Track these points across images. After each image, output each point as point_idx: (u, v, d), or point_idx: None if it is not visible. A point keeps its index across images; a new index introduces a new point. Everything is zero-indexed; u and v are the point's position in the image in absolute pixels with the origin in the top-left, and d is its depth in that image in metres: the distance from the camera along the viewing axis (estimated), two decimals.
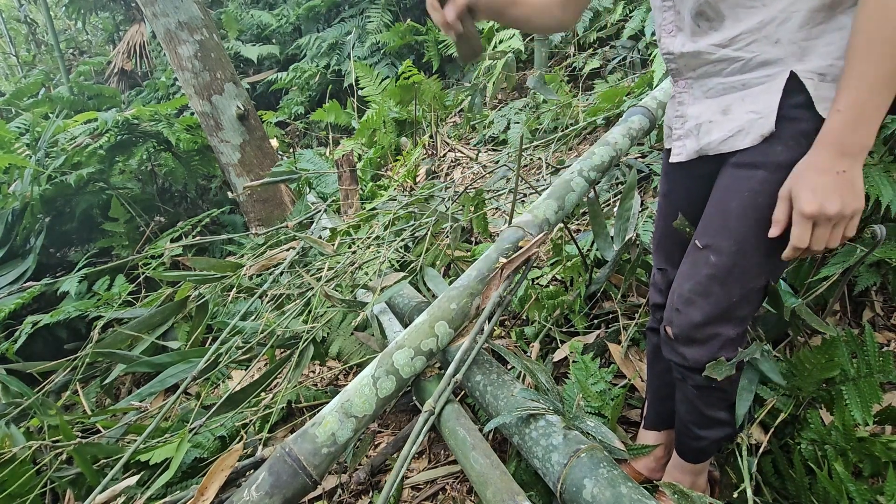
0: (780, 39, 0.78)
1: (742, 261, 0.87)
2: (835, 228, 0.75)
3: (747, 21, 0.80)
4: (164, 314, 1.94)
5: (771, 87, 0.81)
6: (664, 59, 0.96)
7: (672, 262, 1.10)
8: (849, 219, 0.74)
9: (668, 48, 0.93)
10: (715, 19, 0.83)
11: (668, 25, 0.92)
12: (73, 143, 3.32)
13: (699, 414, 1.04)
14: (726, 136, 0.86)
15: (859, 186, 0.73)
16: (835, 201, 0.72)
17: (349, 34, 5.14)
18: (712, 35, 0.84)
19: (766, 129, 0.81)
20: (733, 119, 0.85)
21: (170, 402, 1.47)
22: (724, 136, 0.86)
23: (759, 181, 0.82)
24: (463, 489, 1.48)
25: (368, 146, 3.97)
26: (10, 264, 2.95)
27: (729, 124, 0.86)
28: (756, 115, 0.82)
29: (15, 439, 1.41)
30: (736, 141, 0.85)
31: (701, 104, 0.91)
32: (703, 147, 0.90)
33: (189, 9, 3.02)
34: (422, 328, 1.26)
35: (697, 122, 0.92)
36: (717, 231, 0.89)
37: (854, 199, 0.73)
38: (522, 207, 2.43)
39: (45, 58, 8.06)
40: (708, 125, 0.89)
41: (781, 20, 0.77)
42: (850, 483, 1.00)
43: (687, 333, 0.94)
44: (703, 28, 0.85)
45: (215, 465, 1.15)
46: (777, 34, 0.78)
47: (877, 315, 1.46)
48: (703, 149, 0.91)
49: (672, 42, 0.92)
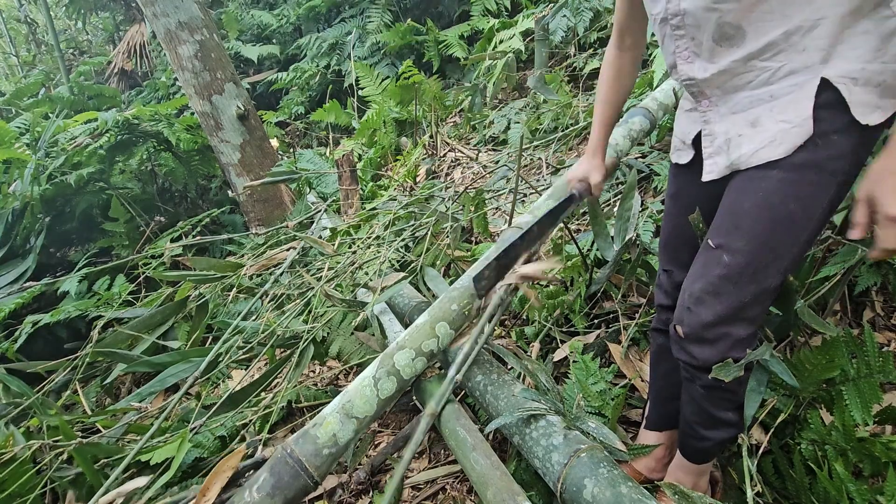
0: (807, 47, 0.78)
1: (755, 261, 0.86)
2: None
3: (772, 33, 0.79)
4: (164, 314, 1.94)
5: (800, 95, 0.80)
6: (684, 85, 0.95)
7: (678, 263, 1.10)
8: None
9: (689, 74, 0.91)
10: (735, 36, 0.83)
11: (683, 52, 0.91)
12: (74, 143, 3.32)
13: (706, 414, 1.03)
14: (758, 147, 0.85)
15: None
16: None
17: (349, 34, 5.14)
18: (734, 51, 0.84)
19: (801, 138, 0.80)
20: (764, 130, 0.84)
21: (173, 401, 1.48)
22: (755, 149, 0.85)
23: (774, 181, 0.82)
24: (463, 489, 1.48)
25: (368, 146, 3.97)
26: (10, 264, 2.95)
27: (759, 136, 0.85)
28: (788, 125, 0.81)
29: (15, 439, 1.41)
30: (768, 152, 0.84)
31: (728, 120, 0.90)
32: (735, 161, 0.89)
33: (189, 9, 3.02)
34: (423, 329, 1.26)
35: (727, 138, 0.90)
36: (731, 231, 0.88)
37: None
38: (522, 207, 2.43)
39: (45, 58, 8.06)
40: (738, 139, 0.88)
41: (807, 29, 0.77)
42: (851, 483, 1.00)
43: (697, 333, 0.94)
44: (724, 47, 0.84)
45: (218, 465, 1.15)
46: (803, 43, 0.78)
47: (877, 315, 1.46)
48: (735, 163, 0.89)
49: (691, 68, 0.91)
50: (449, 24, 5.04)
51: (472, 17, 4.68)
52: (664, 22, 0.91)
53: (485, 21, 4.44)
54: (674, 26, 0.90)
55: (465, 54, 4.46)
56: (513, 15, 4.44)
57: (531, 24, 3.63)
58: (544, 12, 3.72)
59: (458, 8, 5.09)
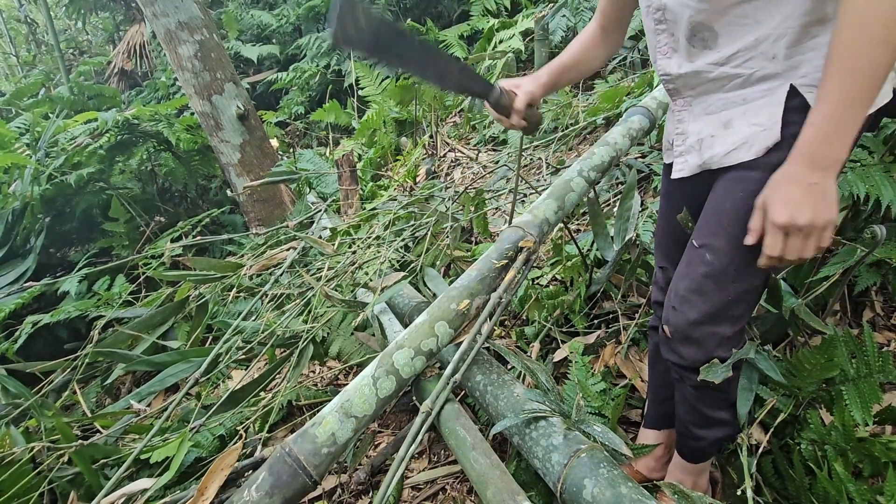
0: (777, 55, 0.80)
1: (736, 260, 0.88)
2: (808, 239, 0.75)
3: (742, 39, 0.81)
4: (165, 314, 1.94)
5: (772, 100, 0.82)
6: (662, 80, 0.97)
7: (671, 260, 1.12)
8: (821, 230, 0.75)
9: (665, 69, 0.94)
10: (709, 38, 0.84)
11: (662, 48, 0.93)
12: (74, 143, 3.32)
13: (698, 414, 1.04)
14: (729, 149, 0.87)
15: (832, 198, 0.74)
16: (805, 212, 0.73)
17: None
18: (708, 54, 0.86)
19: (770, 141, 0.82)
20: (735, 132, 0.86)
21: (174, 401, 1.47)
22: (727, 150, 0.87)
23: (754, 182, 0.83)
24: (463, 489, 1.48)
25: (368, 146, 3.97)
26: (10, 264, 2.95)
27: (731, 137, 0.87)
28: (759, 128, 0.83)
29: (14, 440, 1.41)
30: (739, 154, 0.86)
31: (701, 121, 0.93)
32: (706, 161, 0.91)
33: (189, 9, 3.02)
34: (422, 328, 1.26)
35: (699, 138, 0.93)
36: (713, 231, 0.90)
37: (826, 211, 0.74)
38: (522, 207, 2.43)
39: (45, 58, 8.06)
40: (710, 140, 0.90)
41: (776, 37, 0.79)
42: (850, 483, 1.00)
43: (683, 332, 0.95)
44: (699, 48, 0.87)
45: (215, 464, 1.15)
46: (773, 50, 0.80)
47: (877, 315, 1.46)
48: (706, 163, 0.92)
49: (668, 63, 0.93)
50: (449, 24, 5.04)
51: (472, 17, 4.68)
52: (648, 14, 0.93)
53: (484, 21, 4.44)
54: (656, 20, 0.92)
55: (465, 54, 4.46)
56: (512, 15, 4.44)
57: (531, 23, 3.63)
58: (544, 12, 3.72)
59: (457, 8, 5.10)
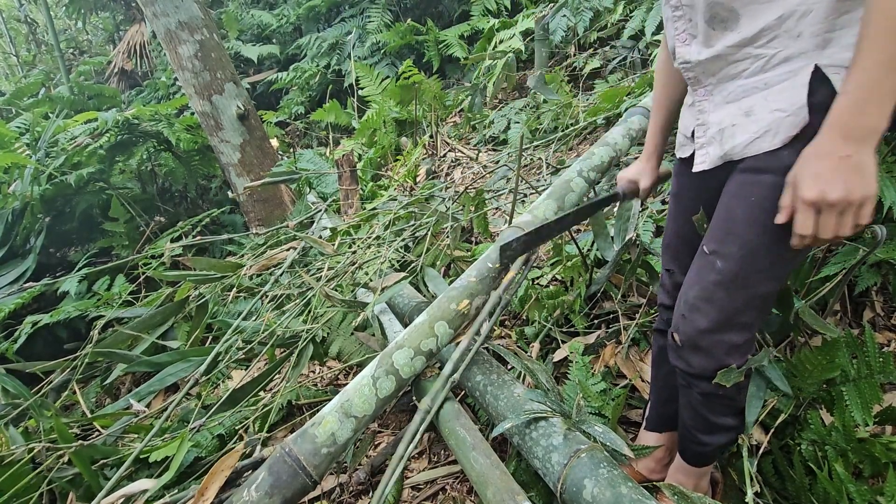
0: (803, 33, 0.75)
1: (748, 267, 0.85)
2: (842, 216, 0.70)
3: (765, 17, 0.77)
4: (164, 314, 1.94)
5: (795, 83, 0.77)
6: (681, 69, 0.94)
7: (679, 263, 1.10)
8: (857, 206, 0.69)
9: (685, 57, 0.90)
10: (729, 19, 0.81)
11: (681, 35, 0.90)
12: (74, 143, 3.32)
13: (704, 420, 1.03)
14: (752, 138, 0.82)
15: (869, 172, 0.68)
16: (837, 187, 0.68)
17: (349, 34, 5.14)
18: (728, 36, 0.82)
19: (795, 128, 0.77)
20: (758, 120, 0.82)
21: (174, 401, 1.47)
22: (749, 139, 0.83)
23: (766, 186, 0.80)
24: (463, 489, 1.48)
25: (368, 146, 3.97)
26: (10, 264, 2.95)
27: (754, 126, 0.82)
28: (783, 114, 0.78)
29: (14, 440, 1.41)
30: (763, 142, 0.81)
31: (722, 110, 0.88)
32: (728, 152, 0.87)
33: (189, 9, 3.02)
34: (421, 328, 1.26)
35: (720, 128, 0.88)
36: (724, 237, 0.87)
37: (861, 186, 0.68)
38: (522, 207, 2.42)
39: (45, 58, 8.06)
40: (731, 129, 0.86)
41: (802, 13, 0.74)
42: (850, 484, 0.99)
43: (693, 340, 0.94)
44: (718, 30, 0.83)
45: (216, 465, 1.15)
46: (798, 28, 0.75)
47: (877, 315, 1.46)
48: (728, 154, 0.87)
49: (688, 51, 0.90)
50: (449, 23, 5.04)
51: (472, 17, 4.68)
52: (667, 2, 0.91)
53: (485, 21, 4.44)
54: (673, 7, 0.89)
55: (465, 54, 4.46)
56: (513, 15, 4.44)
57: (531, 23, 3.63)
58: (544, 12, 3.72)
59: (458, 8, 5.10)
